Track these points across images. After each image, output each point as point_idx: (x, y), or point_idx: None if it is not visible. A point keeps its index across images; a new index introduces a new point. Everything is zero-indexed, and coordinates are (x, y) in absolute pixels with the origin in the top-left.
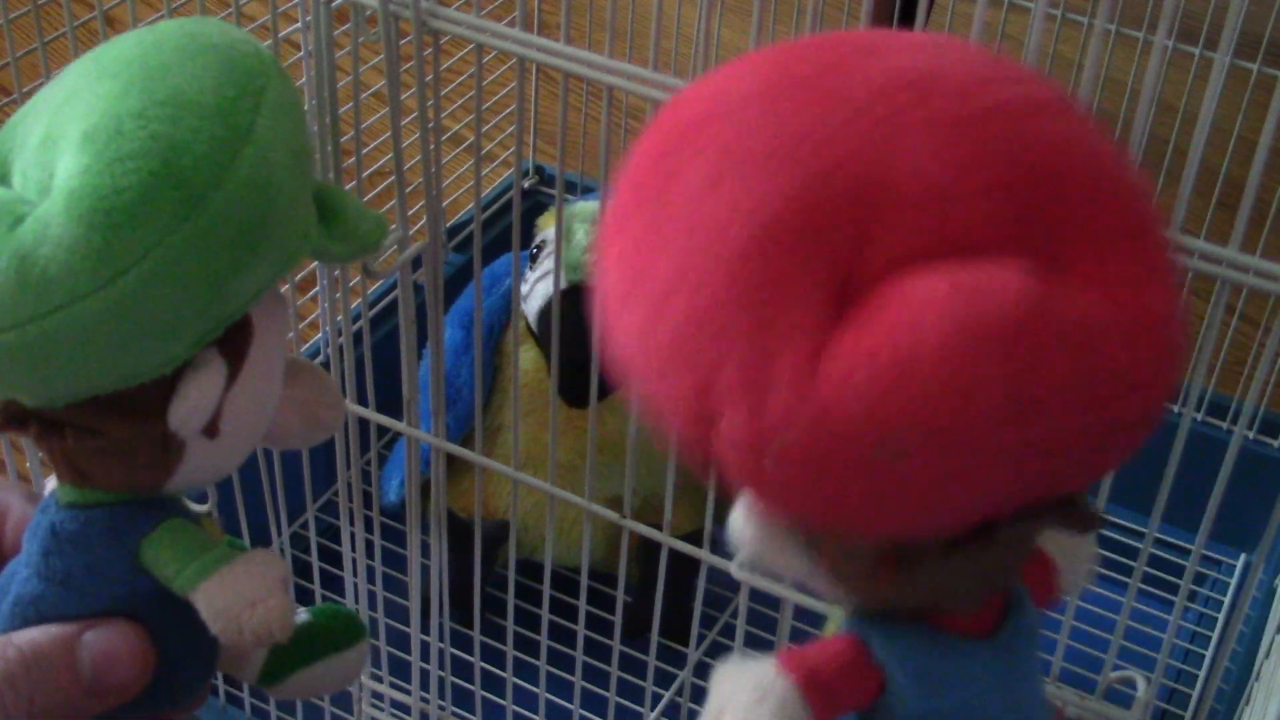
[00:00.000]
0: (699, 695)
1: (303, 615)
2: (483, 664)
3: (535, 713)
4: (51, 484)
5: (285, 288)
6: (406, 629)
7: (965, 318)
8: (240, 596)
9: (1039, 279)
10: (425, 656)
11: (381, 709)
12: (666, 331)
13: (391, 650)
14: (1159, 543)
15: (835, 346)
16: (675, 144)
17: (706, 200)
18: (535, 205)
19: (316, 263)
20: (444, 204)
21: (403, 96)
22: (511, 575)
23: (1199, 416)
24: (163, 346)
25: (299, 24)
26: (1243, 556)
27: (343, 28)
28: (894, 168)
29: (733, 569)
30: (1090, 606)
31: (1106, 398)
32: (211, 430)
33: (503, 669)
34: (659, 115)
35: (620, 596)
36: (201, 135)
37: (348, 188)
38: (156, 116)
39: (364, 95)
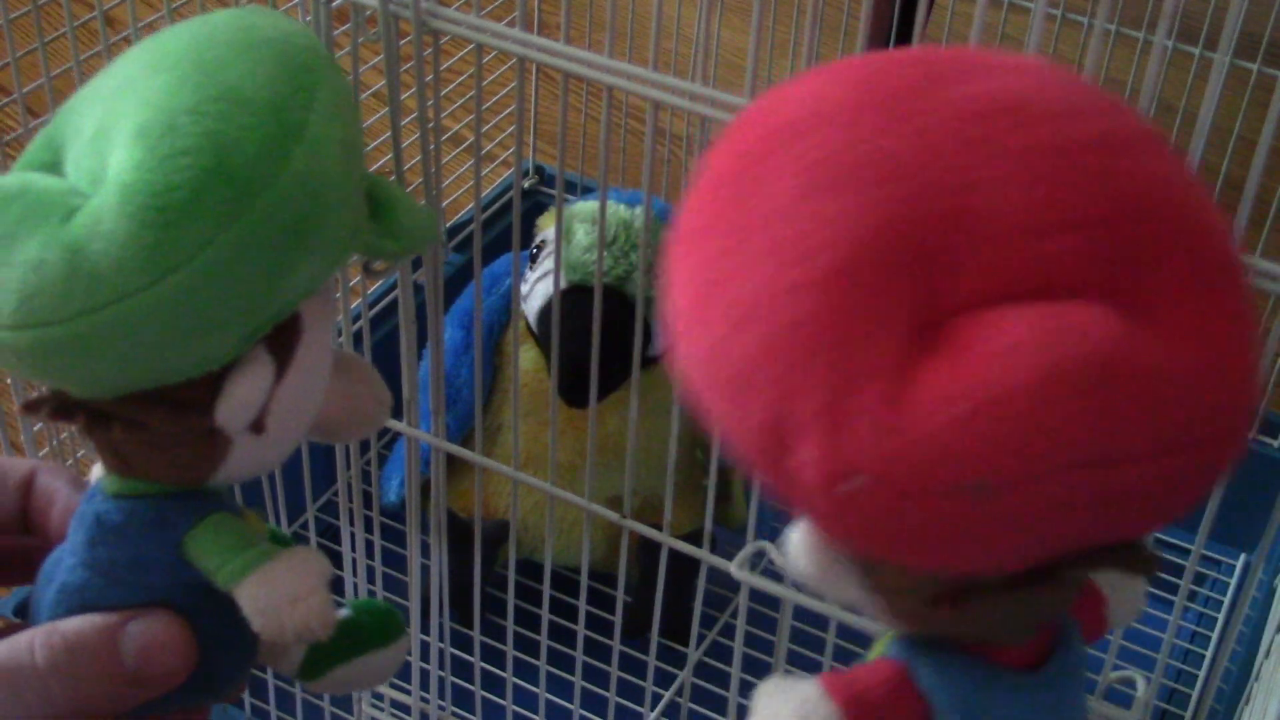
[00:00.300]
0: (699, 695)
1: (344, 611)
2: (483, 664)
3: (535, 713)
4: (97, 472)
5: None
6: (406, 629)
7: (1056, 359)
8: (282, 594)
9: (1125, 324)
10: (425, 656)
11: (381, 709)
12: (745, 349)
13: None
14: (1159, 543)
15: (921, 379)
16: (763, 150)
17: (796, 214)
18: (535, 205)
19: None
20: (444, 204)
21: (403, 96)
22: (511, 575)
23: None
24: (211, 343)
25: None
26: (1243, 556)
27: (343, 28)
28: (987, 195)
29: (733, 569)
30: None
31: (1184, 447)
32: (258, 426)
33: (503, 669)
34: (744, 117)
35: (620, 596)
36: (255, 133)
37: None
38: (210, 113)
39: (364, 95)
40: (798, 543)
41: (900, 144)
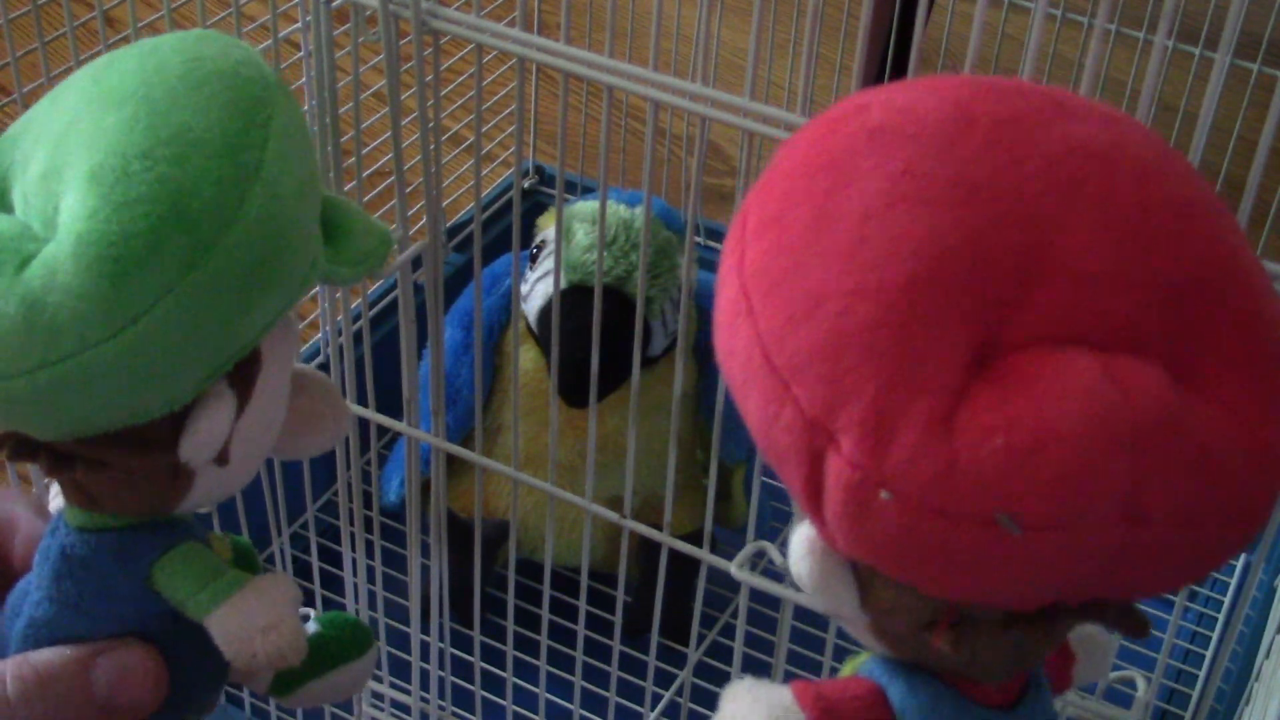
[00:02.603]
0: (699, 695)
1: (311, 627)
2: (483, 664)
3: (535, 713)
4: (58, 502)
5: None
6: (406, 629)
7: (1109, 411)
8: (252, 623)
9: (1177, 390)
10: (425, 656)
11: (381, 709)
12: (805, 341)
13: (391, 650)
14: None
15: (971, 405)
16: (855, 149)
17: (880, 218)
18: (535, 205)
19: None
20: (444, 204)
21: (403, 96)
22: (511, 575)
23: None
24: (173, 387)
25: (299, 24)
26: (1243, 556)
27: (343, 28)
28: (1064, 237)
29: (733, 569)
30: None
31: (1214, 522)
32: (222, 458)
33: (503, 669)
34: (833, 114)
35: (620, 596)
36: (210, 176)
37: (348, 188)
38: (163, 157)
39: (364, 95)
40: (800, 546)
41: (991, 171)
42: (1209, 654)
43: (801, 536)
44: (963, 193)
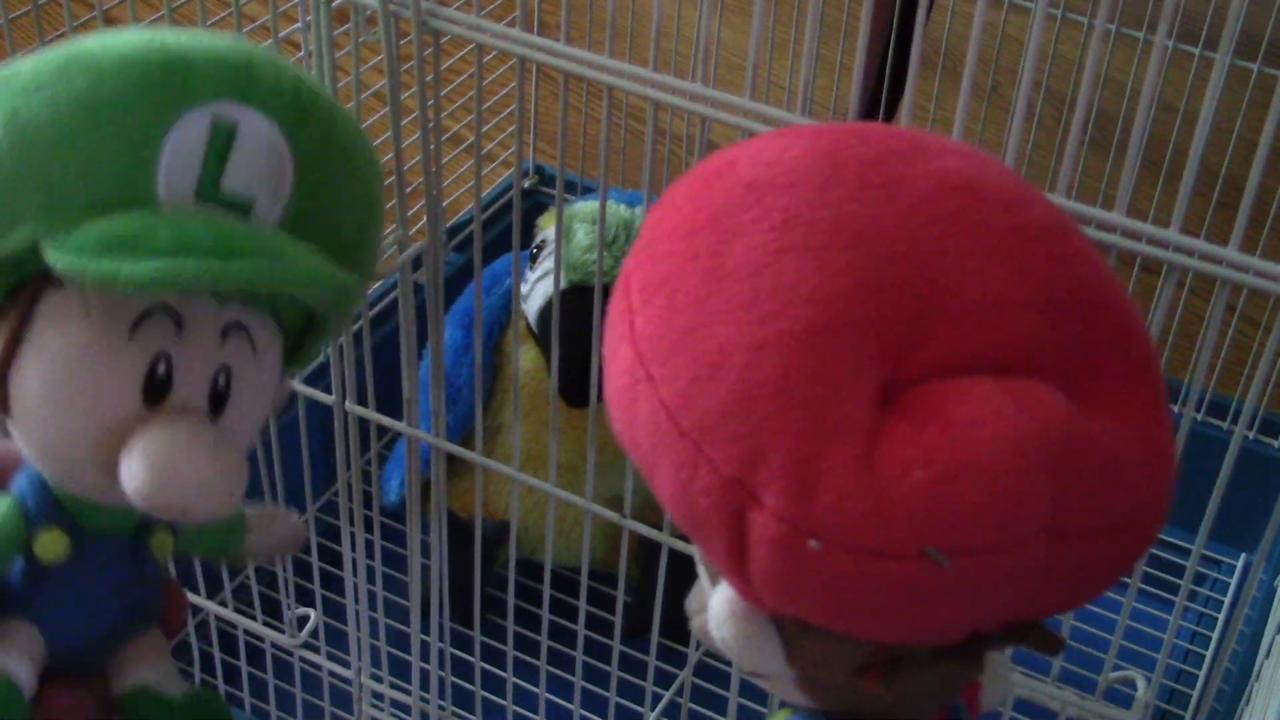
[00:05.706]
0: (699, 695)
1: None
2: (483, 664)
3: (535, 713)
4: None
5: None
6: (406, 629)
7: (1020, 432)
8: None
9: (1074, 406)
10: (425, 656)
11: (381, 709)
12: (715, 399)
13: (391, 650)
14: (1159, 543)
15: (885, 443)
16: (733, 203)
17: (770, 269)
18: (535, 205)
19: None
20: (444, 204)
21: (403, 96)
22: (511, 575)
23: (1199, 416)
24: None
25: (299, 24)
26: (1243, 556)
27: (343, 28)
28: (949, 269)
29: None
30: (1090, 606)
31: (1124, 525)
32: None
33: (503, 669)
34: (707, 168)
35: (620, 596)
36: None
37: None
38: None
39: (364, 95)
40: (720, 609)
41: (869, 212)
42: (1209, 654)
43: (721, 600)
44: (846, 236)
